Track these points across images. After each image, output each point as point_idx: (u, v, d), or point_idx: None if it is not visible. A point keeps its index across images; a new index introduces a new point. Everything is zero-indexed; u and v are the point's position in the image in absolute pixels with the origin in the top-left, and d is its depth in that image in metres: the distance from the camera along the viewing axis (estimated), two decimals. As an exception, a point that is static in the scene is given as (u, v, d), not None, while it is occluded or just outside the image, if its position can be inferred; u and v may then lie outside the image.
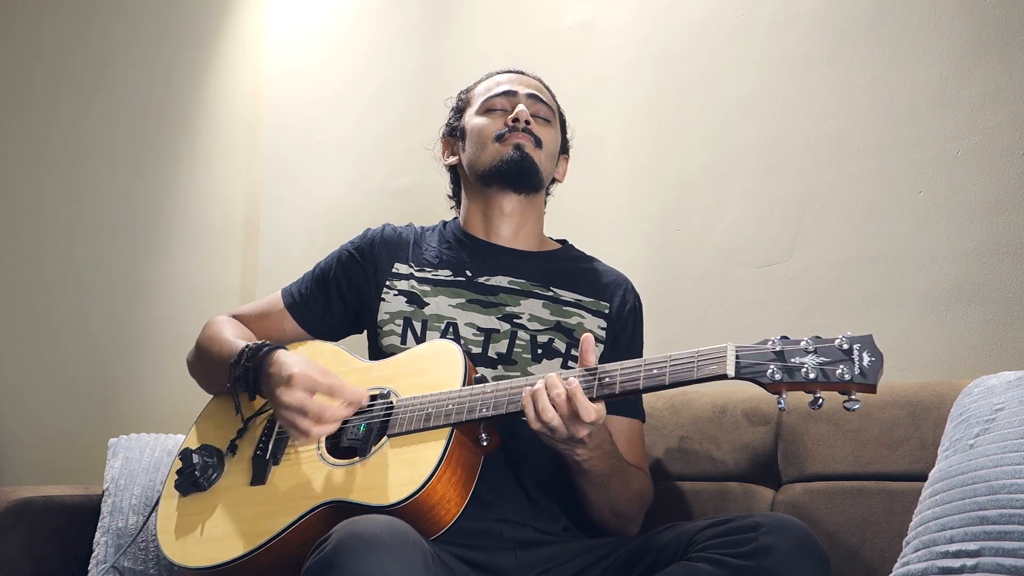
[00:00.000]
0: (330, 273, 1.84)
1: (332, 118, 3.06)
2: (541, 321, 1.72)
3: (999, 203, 1.92)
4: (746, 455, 1.94)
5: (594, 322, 1.76)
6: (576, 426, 1.41)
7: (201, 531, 1.60)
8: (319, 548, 1.29)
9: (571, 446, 1.47)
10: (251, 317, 1.87)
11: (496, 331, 1.70)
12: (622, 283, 1.84)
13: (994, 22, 1.97)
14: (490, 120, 1.80)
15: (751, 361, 1.31)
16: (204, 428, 1.77)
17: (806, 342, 1.30)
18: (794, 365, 1.29)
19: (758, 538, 1.32)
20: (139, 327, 3.33)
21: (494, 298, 1.74)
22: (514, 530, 1.58)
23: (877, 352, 1.27)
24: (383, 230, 1.87)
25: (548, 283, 1.77)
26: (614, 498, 1.60)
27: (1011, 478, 1.32)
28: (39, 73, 3.73)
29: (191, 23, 3.41)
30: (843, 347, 1.28)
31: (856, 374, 1.26)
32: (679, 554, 1.41)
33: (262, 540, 1.50)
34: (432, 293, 1.75)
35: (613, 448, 1.57)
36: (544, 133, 1.80)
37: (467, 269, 1.78)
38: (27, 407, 3.51)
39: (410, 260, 1.81)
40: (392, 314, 1.74)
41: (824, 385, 1.28)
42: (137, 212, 3.42)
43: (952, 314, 1.95)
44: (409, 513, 1.41)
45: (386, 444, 1.52)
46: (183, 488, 1.66)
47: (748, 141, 2.26)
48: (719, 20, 2.35)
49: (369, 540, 1.25)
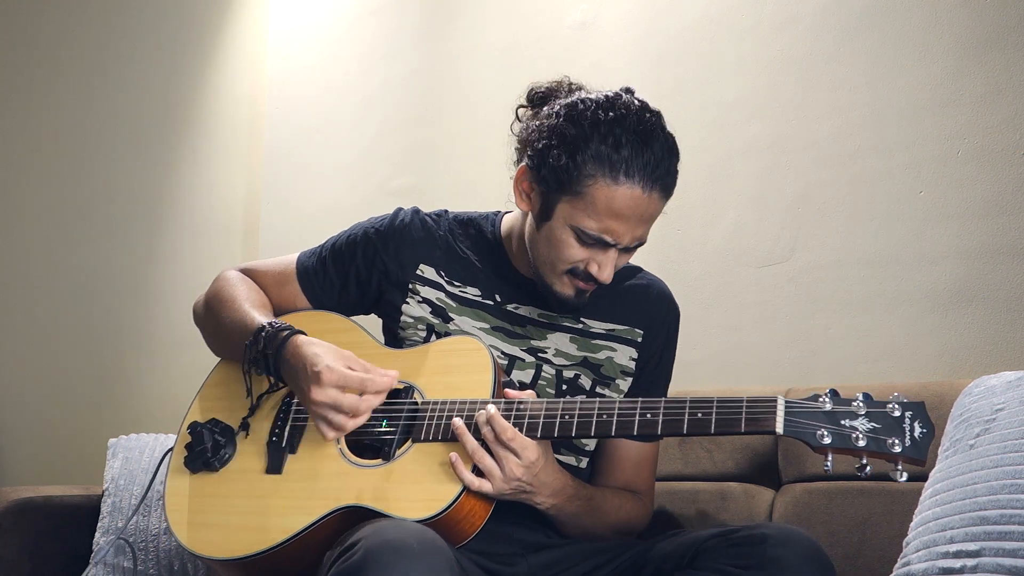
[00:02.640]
0: (347, 257, 1.72)
1: (332, 118, 3.06)
2: (567, 356, 1.64)
3: (999, 203, 1.92)
4: (746, 455, 1.94)
5: (625, 353, 1.66)
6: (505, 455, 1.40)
7: (215, 518, 1.56)
8: (346, 554, 1.27)
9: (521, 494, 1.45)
10: (265, 282, 1.76)
11: (520, 360, 1.64)
12: (662, 302, 1.71)
13: (994, 22, 1.97)
14: (576, 249, 1.53)
15: (802, 421, 1.29)
16: (212, 397, 1.70)
17: (857, 403, 1.29)
18: (845, 431, 1.27)
19: (766, 550, 1.31)
20: (139, 327, 3.32)
21: (520, 329, 1.65)
22: (528, 533, 1.57)
23: (929, 424, 1.26)
24: (412, 220, 1.72)
25: (579, 314, 1.66)
26: (586, 530, 1.58)
27: (1011, 478, 1.32)
28: (39, 74, 3.73)
29: (191, 23, 3.40)
30: (894, 414, 1.27)
31: (907, 446, 1.25)
32: (685, 562, 1.40)
33: (282, 537, 1.47)
34: (457, 311, 1.66)
35: (580, 491, 1.54)
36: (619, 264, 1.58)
37: (497, 293, 1.67)
38: (27, 407, 3.51)
39: (439, 267, 1.69)
40: (415, 319, 1.67)
41: (873, 454, 1.27)
42: (137, 212, 3.41)
43: (952, 314, 1.95)
44: (435, 525, 1.39)
45: (411, 450, 1.49)
46: (193, 466, 1.60)
47: (748, 141, 2.26)
48: (719, 20, 2.34)
49: (399, 548, 1.24)
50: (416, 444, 1.49)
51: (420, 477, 1.45)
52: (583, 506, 1.54)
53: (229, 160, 3.27)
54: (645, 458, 1.68)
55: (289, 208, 3.09)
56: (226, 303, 1.68)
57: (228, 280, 1.73)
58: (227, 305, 1.67)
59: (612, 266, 1.54)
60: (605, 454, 1.67)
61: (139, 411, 3.21)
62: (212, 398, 1.70)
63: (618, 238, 1.51)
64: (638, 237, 1.54)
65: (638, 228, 1.53)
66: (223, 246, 3.22)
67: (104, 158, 3.52)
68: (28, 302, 3.59)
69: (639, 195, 1.49)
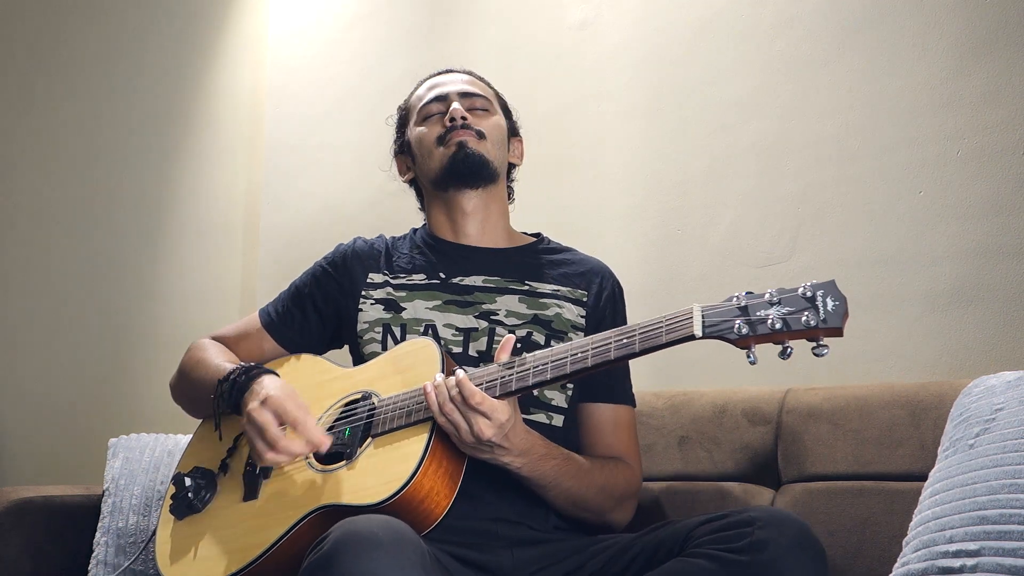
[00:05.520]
0: (305, 289, 1.86)
1: (332, 118, 3.06)
2: (518, 316, 1.73)
3: (999, 203, 1.92)
4: (746, 455, 1.94)
5: (573, 311, 1.76)
6: (474, 418, 1.43)
7: (197, 552, 1.60)
8: (317, 547, 1.29)
9: (492, 454, 1.47)
10: (232, 339, 1.88)
11: (475, 330, 1.71)
12: (599, 271, 1.84)
13: (994, 22, 1.97)
14: (428, 127, 1.82)
15: (717, 319, 1.32)
16: (195, 451, 1.77)
17: (770, 294, 1.31)
18: (759, 318, 1.29)
19: (753, 532, 1.31)
20: (139, 327, 3.33)
21: (470, 297, 1.74)
22: (509, 528, 1.58)
23: (840, 296, 1.28)
24: (354, 243, 1.88)
25: (523, 277, 1.78)
26: (572, 495, 1.59)
27: (1011, 478, 1.32)
28: (39, 74, 3.73)
29: (192, 23, 3.41)
30: (806, 295, 1.29)
31: (820, 320, 1.27)
32: (675, 550, 1.40)
33: (257, 553, 1.50)
34: (408, 298, 1.75)
35: (552, 450, 1.56)
36: (485, 123, 1.81)
37: (440, 271, 1.79)
38: (27, 407, 3.51)
39: (383, 268, 1.82)
40: (371, 322, 1.75)
41: (790, 334, 1.29)
42: (137, 212, 3.41)
43: (952, 314, 1.95)
44: (399, 509, 1.41)
45: (371, 445, 1.53)
46: (179, 512, 1.66)
47: (748, 141, 2.26)
48: (719, 20, 2.35)
49: (367, 539, 1.26)
50: (375, 438, 1.53)
51: (378, 464, 1.49)
52: (561, 466, 1.56)
53: (229, 160, 3.28)
54: (621, 422, 1.74)
55: (289, 207, 3.09)
56: (197, 365, 1.80)
57: (196, 346, 1.87)
58: (201, 364, 1.79)
59: (459, 108, 1.79)
60: (582, 426, 1.73)
61: (139, 411, 3.21)
62: (195, 452, 1.77)
63: (441, 90, 1.84)
64: (464, 88, 1.85)
65: (456, 84, 1.86)
66: (223, 246, 3.22)
67: (104, 158, 3.52)
68: (28, 302, 3.58)
69: (439, 77, 1.90)
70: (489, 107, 1.85)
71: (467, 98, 1.83)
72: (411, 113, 1.89)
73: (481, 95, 1.86)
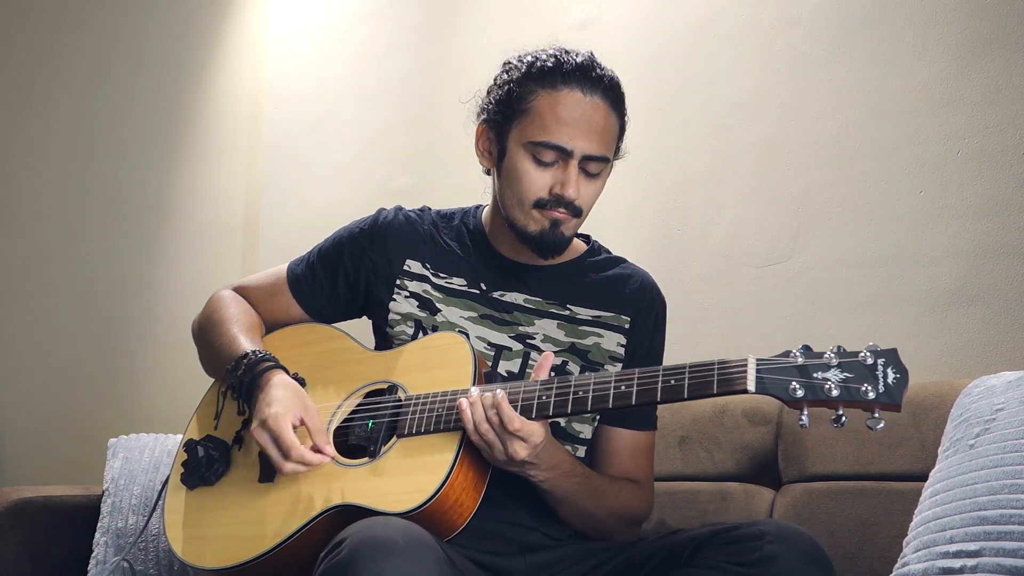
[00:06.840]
0: (337, 257, 1.75)
1: (332, 117, 3.06)
2: (555, 342, 1.65)
3: (999, 203, 1.92)
4: (746, 455, 1.94)
5: (612, 339, 1.67)
6: (510, 441, 1.40)
7: (211, 529, 1.58)
8: (333, 552, 1.28)
9: (521, 468, 1.46)
10: (257, 296, 1.80)
11: (508, 349, 1.65)
12: (646, 290, 1.72)
13: (994, 22, 1.97)
14: (535, 170, 1.57)
15: (773, 377, 1.27)
16: (207, 415, 1.73)
17: (829, 355, 1.26)
18: (817, 382, 1.25)
19: (763, 547, 1.31)
20: (139, 327, 3.32)
21: (508, 316, 1.67)
22: (524, 534, 1.57)
23: (902, 368, 1.24)
24: (395, 216, 1.74)
25: (565, 300, 1.68)
26: (585, 514, 1.58)
27: (1011, 478, 1.32)
28: (39, 73, 3.73)
29: (191, 23, 3.40)
30: (867, 362, 1.25)
31: (880, 392, 1.23)
32: (683, 560, 1.40)
33: (275, 542, 1.49)
34: (445, 301, 1.68)
35: (576, 468, 1.54)
36: (587, 194, 1.60)
37: (482, 281, 1.69)
38: (27, 407, 3.51)
39: (425, 260, 1.71)
40: (403, 315, 1.69)
41: (847, 403, 1.24)
42: (137, 211, 3.41)
43: (952, 314, 1.95)
44: (422, 518, 1.40)
45: (396, 445, 1.50)
46: (189, 482, 1.64)
47: (748, 141, 2.26)
48: (719, 20, 2.34)
49: (386, 545, 1.24)
50: (401, 439, 1.51)
51: (405, 470, 1.47)
52: (580, 484, 1.55)
53: (229, 160, 3.27)
54: (641, 447, 1.68)
55: (289, 207, 3.09)
56: (216, 326, 1.73)
57: (220, 301, 1.79)
58: (216, 328, 1.73)
59: (575, 182, 1.56)
60: (600, 447, 1.68)
61: (139, 411, 3.21)
62: (207, 416, 1.73)
63: (571, 142, 1.55)
64: (594, 149, 1.57)
65: (590, 136, 1.57)
66: (223, 245, 3.22)
67: (104, 158, 3.52)
68: (28, 302, 3.59)
69: (580, 97, 1.56)
70: (603, 170, 1.61)
71: (589, 162, 1.58)
72: (525, 118, 1.59)
73: (602, 157, 1.59)
